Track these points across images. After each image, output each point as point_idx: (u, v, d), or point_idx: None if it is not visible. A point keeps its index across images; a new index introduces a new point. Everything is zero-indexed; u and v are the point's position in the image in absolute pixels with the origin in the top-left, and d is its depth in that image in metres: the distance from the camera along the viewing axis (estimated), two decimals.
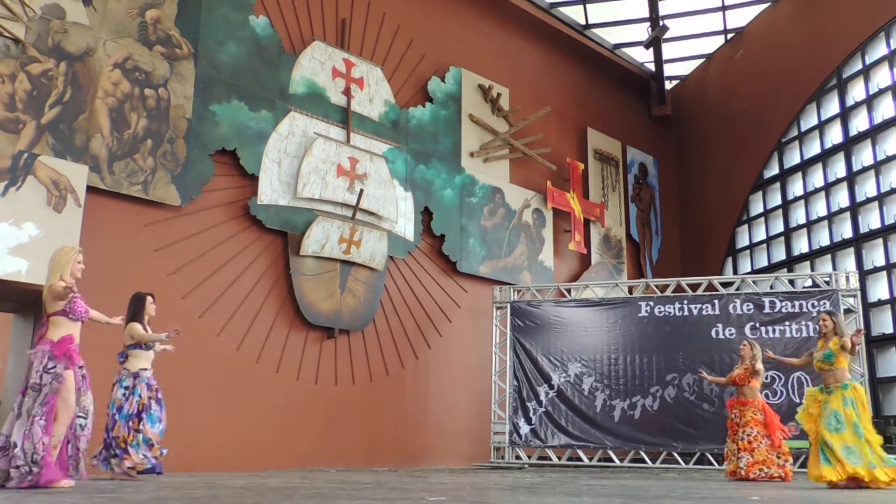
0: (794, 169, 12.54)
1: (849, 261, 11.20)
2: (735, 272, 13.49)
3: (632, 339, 9.86)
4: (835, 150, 11.74)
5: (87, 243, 7.15)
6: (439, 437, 10.37)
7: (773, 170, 12.99)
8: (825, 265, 11.58)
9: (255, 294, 8.89)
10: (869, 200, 10.99)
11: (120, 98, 8.05)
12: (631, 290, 10.74)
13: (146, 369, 6.08)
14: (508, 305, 10.40)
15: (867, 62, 11.28)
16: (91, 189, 7.62)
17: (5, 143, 7.18)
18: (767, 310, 9.38)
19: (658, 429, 9.50)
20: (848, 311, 9.11)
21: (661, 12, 13.14)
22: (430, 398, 10.43)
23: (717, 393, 9.20)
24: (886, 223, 10.63)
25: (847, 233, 11.33)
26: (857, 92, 11.48)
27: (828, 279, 9.38)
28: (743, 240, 13.63)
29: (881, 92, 10.98)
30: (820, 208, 11.97)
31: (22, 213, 7.08)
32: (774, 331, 9.26)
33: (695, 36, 14.19)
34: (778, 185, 12.87)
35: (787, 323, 9.24)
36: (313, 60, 9.85)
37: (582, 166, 13.31)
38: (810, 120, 12.34)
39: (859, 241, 11.05)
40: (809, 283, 10.02)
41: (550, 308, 10.31)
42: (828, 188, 11.83)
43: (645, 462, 9.74)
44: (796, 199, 12.47)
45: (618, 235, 13.82)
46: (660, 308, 9.82)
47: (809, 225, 12.11)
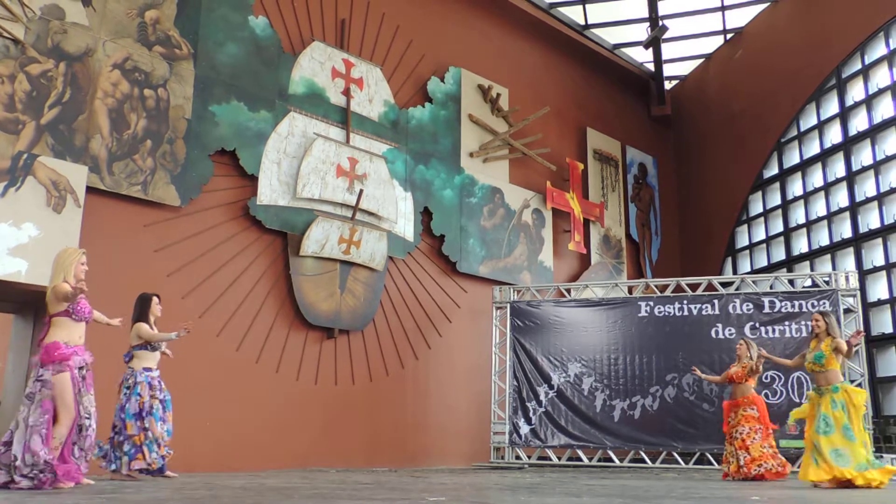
0: (794, 169, 12.55)
1: (848, 261, 11.20)
2: (735, 272, 13.50)
3: (631, 339, 9.86)
4: (834, 149, 11.75)
5: (86, 244, 7.14)
6: (439, 437, 10.37)
7: (773, 170, 13.00)
8: (825, 265, 11.58)
9: (254, 294, 8.89)
10: (868, 200, 11.00)
11: (119, 98, 8.05)
12: (631, 290, 10.74)
13: (150, 369, 6.10)
14: (508, 305, 10.40)
15: (866, 62, 11.28)
16: (91, 189, 7.62)
17: (5, 143, 7.18)
18: (767, 310, 9.38)
19: (658, 429, 9.50)
20: (847, 311, 9.11)
21: (661, 12, 13.15)
22: (430, 398, 10.43)
23: (717, 393, 9.20)
24: (886, 223, 10.63)
25: (846, 233, 11.34)
26: (856, 92, 11.49)
27: (827, 279, 9.38)
28: (742, 240, 13.64)
29: (880, 92, 10.98)
30: (819, 208, 11.98)
31: (21, 213, 7.08)
32: (774, 331, 9.26)
33: (694, 36, 14.19)
34: (777, 184, 12.88)
35: (787, 323, 9.24)
36: (313, 61, 9.85)
37: (581, 166, 13.31)
38: (810, 120, 12.34)
39: (859, 240, 11.05)
40: (809, 282, 10.02)
41: (550, 308, 10.31)
42: (827, 188, 11.83)
43: (645, 462, 9.74)
44: (796, 198, 12.48)
45: (617, 235, 13.82)
46: (659, 308, 9.83)
47: (809, 225, 12.12)
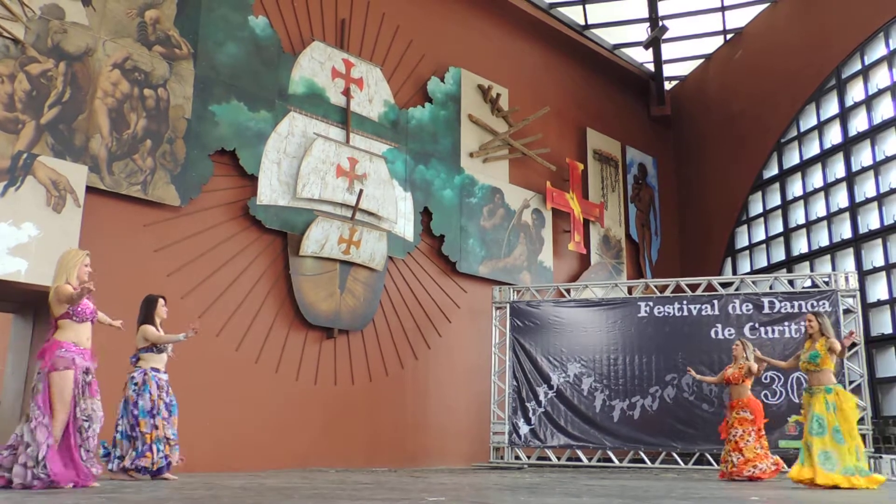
0: (794, 169, 12.55)
1: (848, 261, 11.20)
2: (734, 272, 13.50)
3: (631, 340, 9.86)
4: (834, 150, 11.75)
5: (86, 244, 7.14)
6: (439, 437, 10.37)
7: (773, 170, 13.00)
8: (824, 265, 11.58)
9: (254, 294, 8.89)
10: (868, 201, 11.00)
11: (119, 98, 8.05)
12: (630, 290, 10.74)
13: (157, 370, 6.14)
14: (508, 306, 10.40)
15: (866, 62, 11.28)
16: (90, 189, 7.62)
17: (5, 143, 7.18)
18: (767, 310, 9.38)
19: (657, 429, 9.50)
20: (847, 312, 9.12)
21: (661, 12, 13.15)
22: (430, 398, 10.43)
23: (717, 393, 9.20)
24: (886, 223, 10.63)
25: (846, 233, 11.34)
26: (856, 92, 11.49)
27: (827, 279, 9.38)
28: (742, 240, 13.64)
29: (880, 92, 10.99)
30: (819, 208, 11.98)
31: (21, 213, 7.08)
32: (774, 331, 9.27)
33: (694, 36, 14.19)
34: (777, 185, 12.88)
35: (787, 323, 9.24)
36: (313, 61, 9.85)
37: (581, 166, 13.31)
38: (809, 120, 12.34)
39: (858, 241, 11.05)
40: (809, 283, 10.02)
41: (550, 308, 10.31)
42: (827, 188, 11.83)
43: (644, 462, 9.74)
44: (795, 199, 12.48)
45: (617, 236, 13.82)
46: (659, 308, 9.83)
47: (809, 225, 12.12)
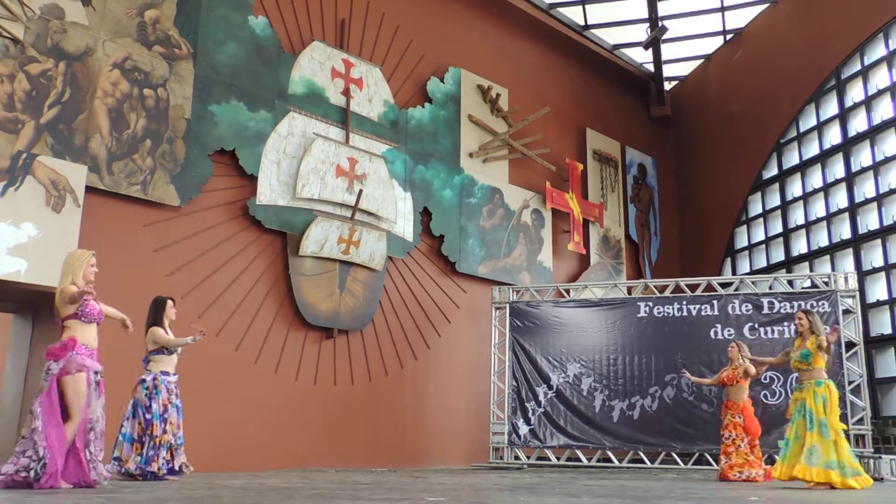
0: (793, 170, 12.55)
1: (847, 261, 11.20)
2: (734, 273, 13.50)
3: (631, 340, 9.86)
4: (834, 150, 11.75)
5: (86, 244, 7.14)
6: (438, 437, 10.37)
7: (772, 170, 13.00)
8: (824, 266, 11.58)
9: (254, 294, 8.89)
10: (868, 201, 11.00)
11: (119, 98, 8.05)
12: (630, 290, 10.73)
13: (167, 373, 6.17)
14: (507, 306, 10.40)
15: (866, 63, 11.28)
16: (90, 189, 7.62)
17: (4, 143, 7.18)
18: (766, 310, 9.38)
19: (657, 429, 9.50)
20: (847, 312, 9.12)
21: (661, 13, 13.15)
22: (430, 399, 10.43)
23: (716, 393, 9.19)
24: (885, 224, 10.63)
25: (846, 233, 11.34)
26: (855, 93, 11.49)
27: (826, 280, 9.38)
28: (742, 240, 13.64)
29: (880, 93, 10.99)
30: (819, 209, 11.98)
31: (21, 213, 7.08)
32: (773, 331, 9.27)
33: (694, 37, 14.19)
34: (777, 185, 12.88)
35: (786, 323, 9.24)
36: (312, 61, 9.85)
37: (581, 167, 13.31)
38: (809, 121, 12.35)
39: (858, 241, 11.05)
40: (808, 283, 10.02)
41: (549, 308, 10.31)
42: (827, 189, 11.83)
43: (644, 462, 9.73)
44: (795, 199, 12.48)
45: (617, 236, 13.82)
46: (659, 308, 9.83)
47: (808, 225, 12.12)
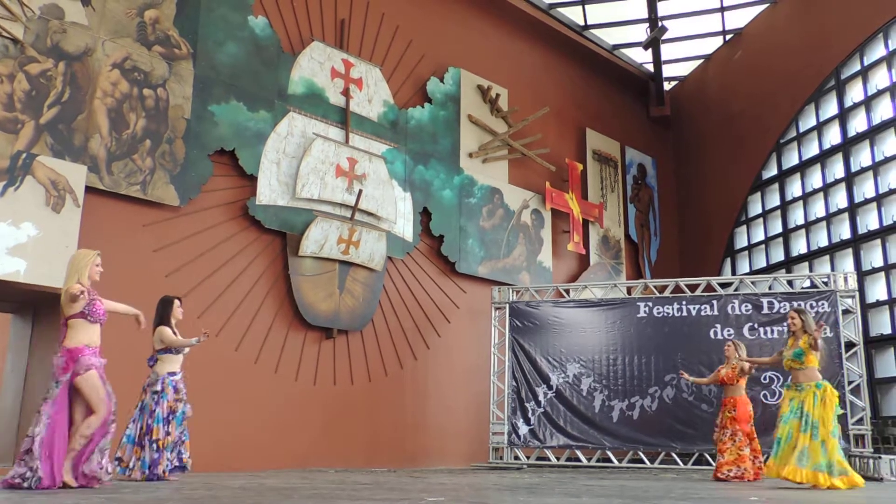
0: (793, 170, 12.55)
1: (847, 261, 11.21)
2: (733, 273, 13.50)
3: (630, 340, 9.86)
4: (833, 150, 11.75)
5: (85, 244, 7.14)
6: (438, 437, 10.37)
7: (772, 170, 13.00)
8: (823, 266, 11.58)
9: (253, 294, 8.89)
10: (867, 201, 11.00)
11: (119, 98, 8.05)
12: (629, 290, 10.73)
13: (174, 373, 6.20)
14: (507, 306, 10.40)
15: (865, 63, 11.28)
16: (90, 189, 7.62)
17: (4, 143, 7.17)
18: (766, 310, 9.38)
19: (656, 429, 9.50)
20: (846, 312, 9.13)
21: (660, 13, 13.15)
22: (429, 399, 10.43)
23: (716, 393, 9.19)
24: (885, 224, 10.63)
25: (845, 233, 11.34)
26: (855, 93, 11.49)
27: (826, 280, 9.39)
28: (741, 240, 13.64)
29: (879, 93, 10.99)
30: (818, 209, 11.98)
31: (20, 213, 7.08)
32: (773, 331, 9.27)
33: (693, 37, 14.20)
34: (776, 185, 12.88)
35: (786, 324, 9.19)
36: (312, 61, 9.85)
37: (581, 167, 13.31)
38: (809, 121, 12.35)
39: (858, 241, 11.05)
40: (808, 283, 10.03)
41: (549, 309, 10.31)
42: (826, 189, 11.83)
43: (643, 462, 9.73)
44: (795, 199, 12.48)
45: (616, 236, 13.83)
46: (658, 309, 9.83)
47: (808, 226, 12.12)
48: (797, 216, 12.42)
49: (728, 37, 14.17)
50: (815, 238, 11.95)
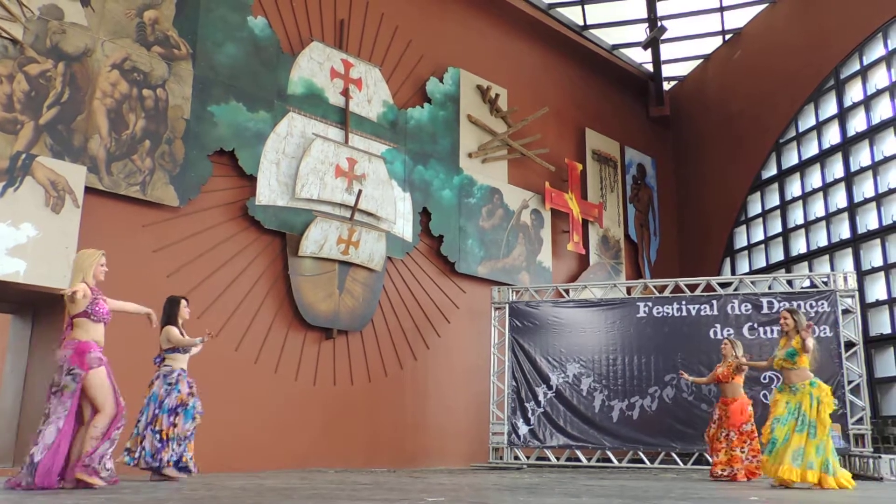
0: (793, 169, 12.55)
1: (847, 261, 11.21)
2: (733, 273, 13.50)
3: (630, 340, 9.87)
4: (833, 150, 11.75)
5: (85, 244, 7.12)
6: (438, 437, 10.37)
7: (772, 170, 13.01)
8: (823, 265, 11.59)
9: (253, 295, 8.89)
10: (867, 201, 11.00)
11: (118, 99, 8.05)
12: (629, 290, 10.73)
13: (184, 370, 6.29)
14: (507, 306, 10.40)
15: (865, 63, 11.29)
16: (89, 190, 7.61)
17: (3, 143, 7.17)
18: (766, 310, 9.38)
19: (656, 429, 9.50)
20: (846, 312, 9.13)
21: (660, 13, 13.15)
22: (429, 399, 10.43)
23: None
24: (884, 223, 10.64)
25: (845, 233, 11.34)
26: (854, 93, 11.49)
27: (826, 279, 9.39)
28: (741, 240, 13.64)
29: (879, 93, 10.99)
30: (818, 209, 11.98)
31: (20, 213, 7.08)
32: (773, 331, 9.26)
33: (693, 37, 14.20)
34: (776, 185, 12.88)
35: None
36: (311, 61, 9.85)
37: (580, 167, 13.32)
38: (808, 120, 12.35)
39: (857, 241, 11.06)
40: (807, 283, 10.03)
41: (549, 309, 10.31)
42: (826, 189, 11.83)
43: (643, 462, 9.73)
44: (794, 199, 12.48)
45: (616, 236, 13.83)
46: (658, 308, 9.83)
47: (807, 225, 12.12)
48: (797, 216, 12.42)
49: (727, 37, 14.17)
50: (815, 238, 11.95)
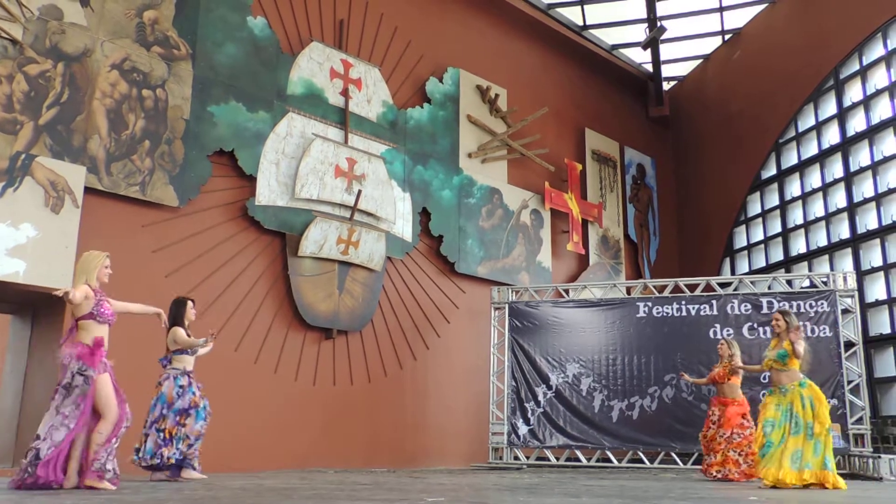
0: (792, 169, 12.56)
1: (846, 261, 11.21)
2: (733, 272, 13.50)
3: (630, 340, 9.87)
4: (832, 150, 11.76)
5: (84, 244, 7.14)
6: (438, 437, 10.37)
7: (771, 170, 13.01)
8: (823, 265, 11.59)
9: (253, 295, 8.88)
10: (866, 201, 11.01)
11: (118, 99, 8.05)
12: (629, 290, 10.73)
13: (192, 372, 6.26)
14: (506, 306, 10.40)
15: (864, 63, 11.29)
16: (89, 190, 7.62)
17: (3, 143, 7.17)
18: (765, 310, 9.37)
19: (656, 429, 9.50)
20: (845, 312, 9.13)
21: (659, 13, 13.16)
22: (429, 399, 10.43)
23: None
24: (884, 223, 10.64)
25: (844, 233, 11.34)
26: (854, 93, 11.50)
27: (825, 279, 9.39)
28: (741, 240, 13.65)
29: (878, 93, 10.99)
30: (817, 209, 11.98)
31: (19, 214, 7.08)
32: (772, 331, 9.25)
33: (693, 37, 14.20)
34: (776, 185, 12.88)
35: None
36: (311, 61, 9.85)
37: (580, 167, 13.32)
38: (808, 120, 12.35)
39: (857, 241, 11.06)
40: (807, 283, 10.03)
41: (548, 309, 10.31)
42: (825, 189, 11.84)
43: (643, 462, 9.74)
44: (794, 199, 12.48)
45: (616, 236, 13.83)
46: (658, 308, 9.83)
47: (807, 225, 12.12)
48: (796, 216, 12.43)
49: (727, 37, 14.18)
50: (815, 238, 11.95)
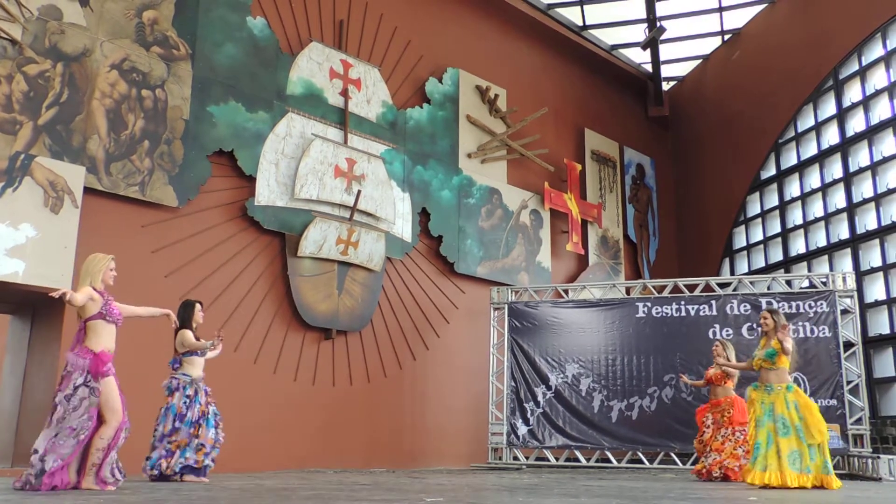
0: (792, 170, 12.56)
1: (846, 261, 11.21)
2: (732, 273, 13.51)
3: (629, 340, 9.87)
4: (832, 150, 11.76)
5: (84, 245, 7.14)
6: (437, 438, 10.37)
7: (771, 170, 13.01)
8: (822, 266, 11.59)
9: (252, 295, 8.88)
10: (866, 201, 11.01)
11: (117, 99, 8.05)
12: (628, 290, 10.73)
13: (201, 377, 6.20)
14: (506, 306, 10.40)
15: (864, 63, 11.29)
16: (88, 190, 7.61)
17: (2, 144, 7.17)
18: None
19: (655, 429, 9.51)
20: (845, 312, 9.14)
21: (659, 13, 13.16)
22: (428, 399, 10.43)
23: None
24: (883, 224, 10.64)
25: (844, 233, 11.35)
26: (853, 93, 11.50)
27: (825, 280, 9.40)
28: (740, 240, 13.65)
29: (878, 93, 10.99)
30: (817, 209, 11.98)
31: (19, 214, 7.08)
32: None
33: (692, 37, 14.21)
34: (775, 185, 12.89)
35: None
36: (311, 61, 9.85)
37: (579, 167, 13.32)
38: (807, 121, 12.35)
39: (856, 241, 11.06)
40: (806, 283, 10.03)
41: (548, 309, 10.31)
42: (825, 189, 11.84)
43: (642, 463, 9.74)
44: (793, 199, 12.48)
45: (615, 236, 13.83)
46: (657, 309, 9.83)
47: (806, 226, 12.13)
48: (796, 216, 12.43)
49: (726, 37, 14.18)
50: (814, 238, 11.96)
